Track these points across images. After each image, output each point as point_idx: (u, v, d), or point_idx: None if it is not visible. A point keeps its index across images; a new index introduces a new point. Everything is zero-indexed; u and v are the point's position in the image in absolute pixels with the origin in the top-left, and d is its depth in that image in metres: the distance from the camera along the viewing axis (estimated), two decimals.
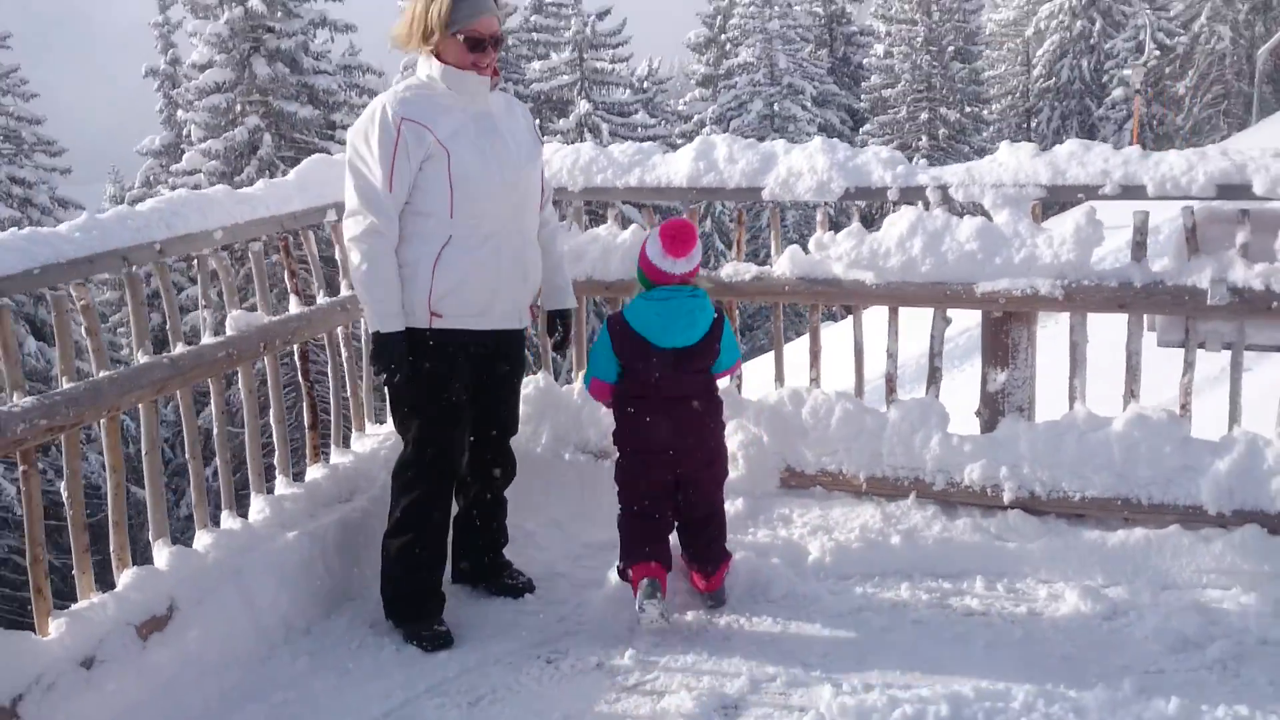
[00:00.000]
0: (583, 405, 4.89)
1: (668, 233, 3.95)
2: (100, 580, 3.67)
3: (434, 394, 3.87)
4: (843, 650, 3.71)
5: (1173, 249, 4.26)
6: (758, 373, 7.49)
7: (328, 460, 4.69)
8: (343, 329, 4.76)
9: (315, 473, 4.57)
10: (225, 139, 26.97)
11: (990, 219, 4.41)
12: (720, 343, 4.04)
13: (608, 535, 4.20)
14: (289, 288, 4.56)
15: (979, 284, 4.34)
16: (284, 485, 4.44)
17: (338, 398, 4.79)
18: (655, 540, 4.05)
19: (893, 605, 3.98)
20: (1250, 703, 3.32)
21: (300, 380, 4.64)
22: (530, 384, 4.95)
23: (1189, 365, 4.29)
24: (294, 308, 4.51)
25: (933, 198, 4.45)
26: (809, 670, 3.59)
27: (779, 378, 4.89)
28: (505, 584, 4.22)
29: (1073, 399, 4.42)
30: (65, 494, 3.57)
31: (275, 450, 4.48)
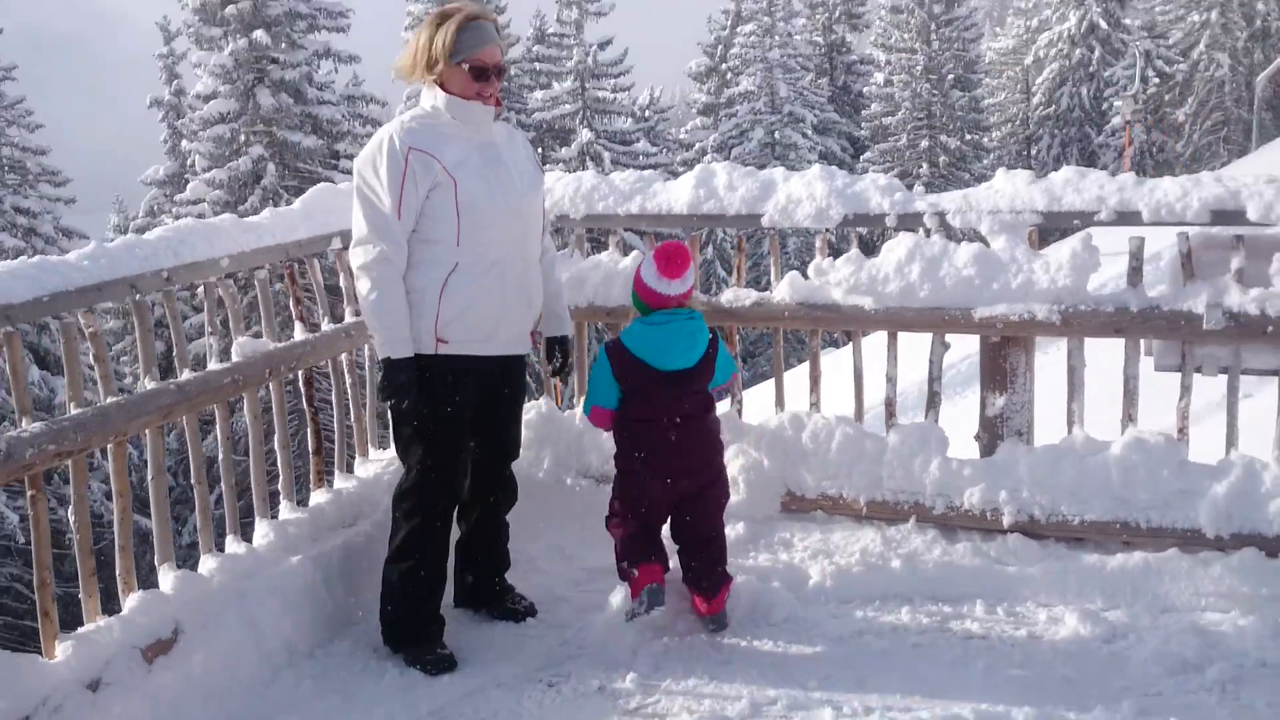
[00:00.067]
0: (584, 431, 4.92)
1: (662, 255, 3.99)
2: (104, 606, 3.69)
3: (439, 419, 3.88)
4: (843, 673, 3.72)
5: (1168, 274, 4.29)
6: (759, 398, 7.53)
7: (331, 485, 4.73)
8: (347, 355, 4.79)
9: (319, 498, 4.60)
10: (229, 169, 27.05)
11: (987, 245, 4.46)
12: (716, 360, 4.09)
13: (609, 560, 4.21)
14: (294, 315, 4.60)
15: (977, 309, 4.38)
16: (288, 510, 4.47)
17: (341, 423, 4.82)
18: (656, 544, 4.13)
19: (893, 628, 3.99)
20: None
21: (305, 406, 4.68)
22: (532, 409, 4.98)
23: (1186, 389, 4.32)
24: (299, 334, 4.55)
25: (930, 224, 4.49)
26: (809, 693, 3.60)
27: (779, 402, 4.92)
28: (507, 608, 4.24)
29: (1071, 423, 4.45)
30: (72, 518, 3.60)
31: (280, 475, 4.51)
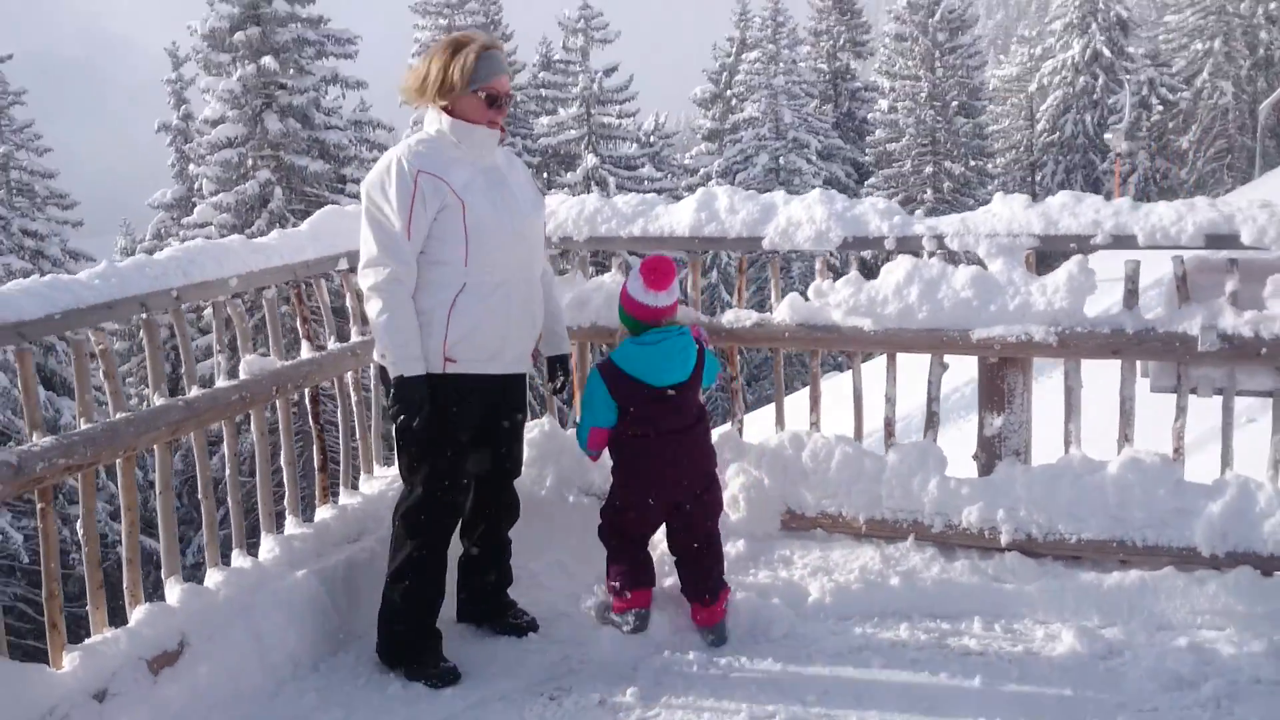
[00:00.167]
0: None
1: (647, 269, 4.10)
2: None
3: (444, 438, 3.92)
4: (842, 689, 3.76)
5: (1164, 297, 4.35)
6: (760, 419, 7.58)
7: (336, 501, 4.78)
8: (352, 374, 4.85)
9: (324, 513, 4.66)
10: (236, 192, 27.17)
11: (985, 268, 4.51)
12: (704, 367, 4.19)
13: None
14: (301, 334, 4.66)
15: (975, 331, 4.42)
16: (294, 525, 4.52)
17: (347, 441, 4.88)
18: (646, 566, 4.23)
19: (891, 645, 4.03)
20: None
21: (311, 424, 4.73)
22: (535, 428, 5.03)
23: (1181, 410, 4.36)
24: (305, 353, 4.61)
25: (929, 247, 4.55)
26: (808, 708, 3.64)
27: (780, 422, 4.97)
28: (509, 623, 4.27)
29: (1068, 443, 4.49)
30: (80, 531, 3.66)
31: (285, 491, 4.56)
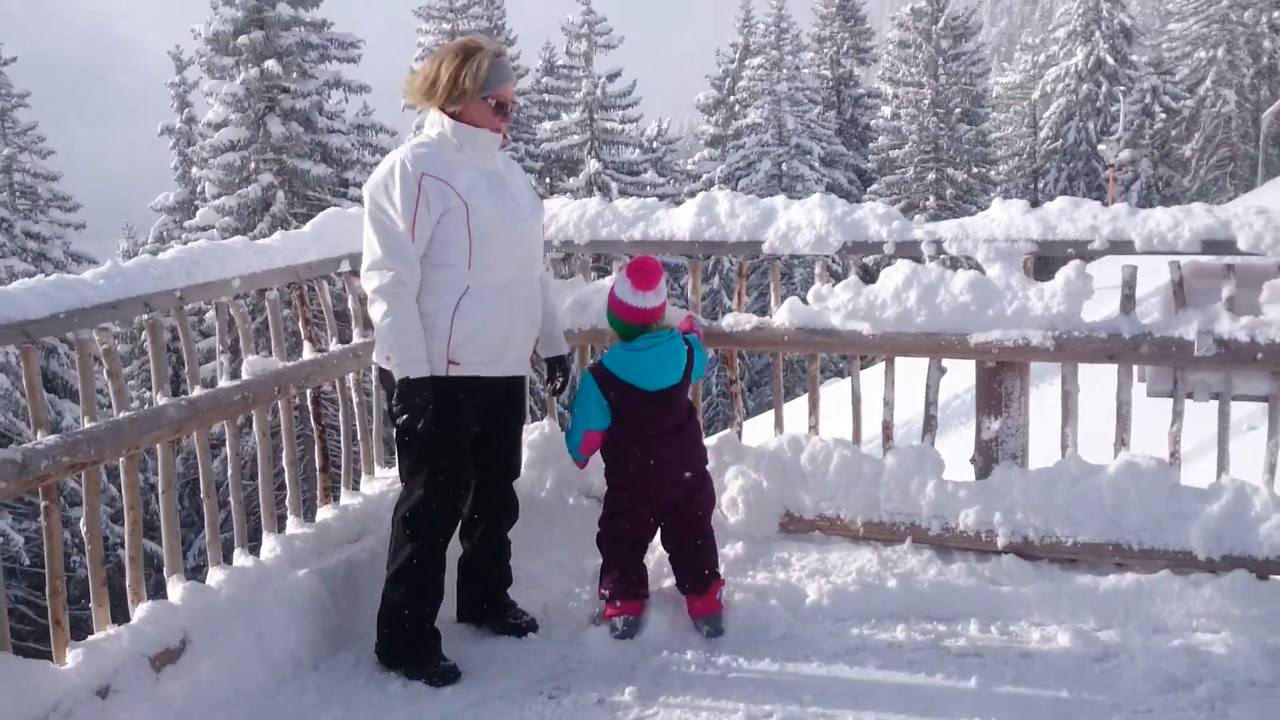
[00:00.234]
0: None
1: (634, 270, 4.16)
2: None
3: (446, 440, 3.94)
4: (839, 689, 3.78)
5: (1160, 302, 4.37)
6: (760, 425, 7.62)
7: (338, 501, 4.81)
8: (354, 375, 4.87)
9: (325, 513, 4.68)
10: (239, 195, 27.24)
11: (983, 273, 4.54)
12: (694, 365, 4.28)
13: None
14: (303, 335, 4.69)
15: (973, 335, 4.45)
16: (295, 525, 4.54)
17: (348, 442, 4.90)
18: (640, 574, 4.29)
19: (888, 646, 4.05)
20: None
21: (313, 424, 4.76)
22: (535, 430, 5.06)
23: (1178, 415, 4.39)
24: (307, 354, 4.64)
25: (927, 252, 4.57)
26: (805, 708, 3.66)
27: (779, 425, 4.99)
28: (509, 623, 4.30)
29: (1065, 447, 4.52)
30: (84, 529, 3.69)
31: (287, 491, 4.59)
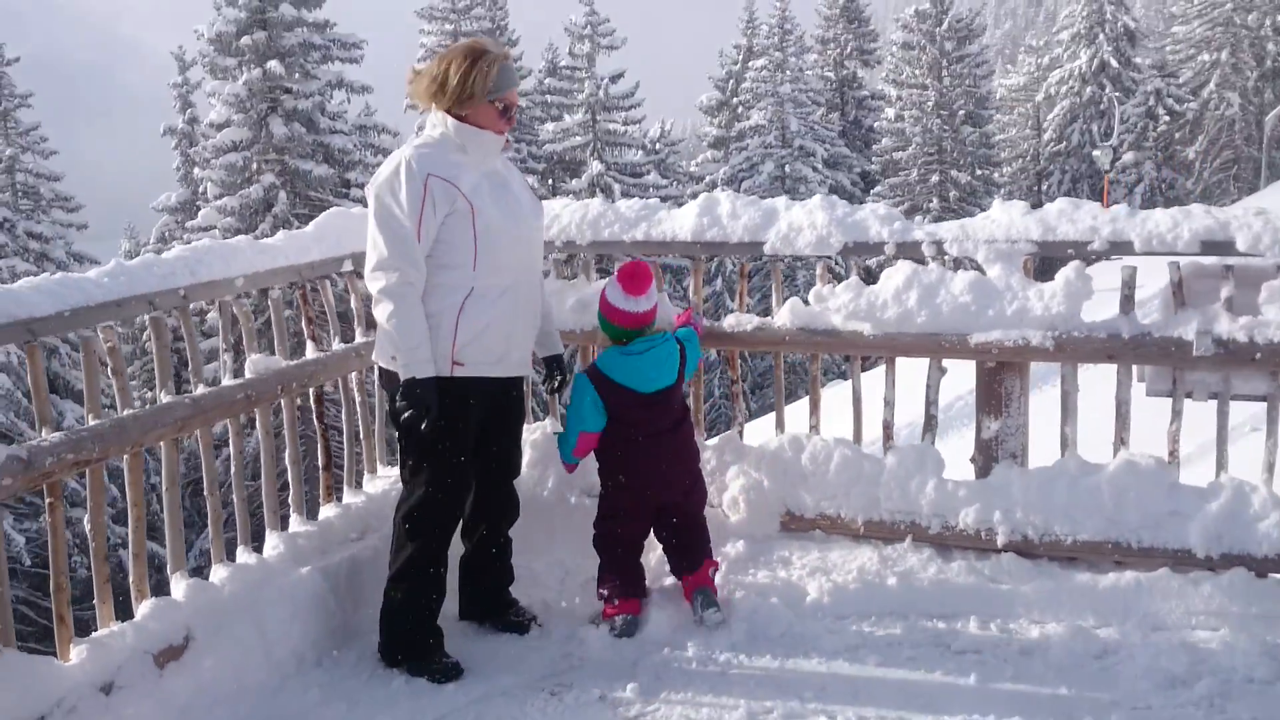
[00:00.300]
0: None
1: (625, 276, 4.20)
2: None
3: (449, 440, 3.96)
4: (839, 685, 3.81)
5: (1160, 302, 4.39)
6: (762, 427, 7.64)
7: (340, 500, 4.83)
8: (356, 374, 4.90)
9: (328, 511, 4.72)
10: (241, 196, 27.27)
11: (984, 273, 4.56)
12: (686, 364, 4.33)
13: None
14: (306, 334, 4.72)
15: (973, 335, 4.46)
16: (298, 523, 4.57)
17: (350, 440, 4.93)
18: (638, 574, 4.34)
19: (888, 644, 4.07)
20: None
21: (315, 423, 4.78)
22: (537, 430, 5.08)
23: (1177, 414, 4.40)
24: (310, 353, 4.67)
25: (928, 253, 4.59)
26: (805, 704, 3.68)
27: (779, 425, 5.01)
28: (511, 620, 4.32)
29: (1065, 446, 4.54)
30: (88, 526, 3.70)
31: (290, 489, 4.61)
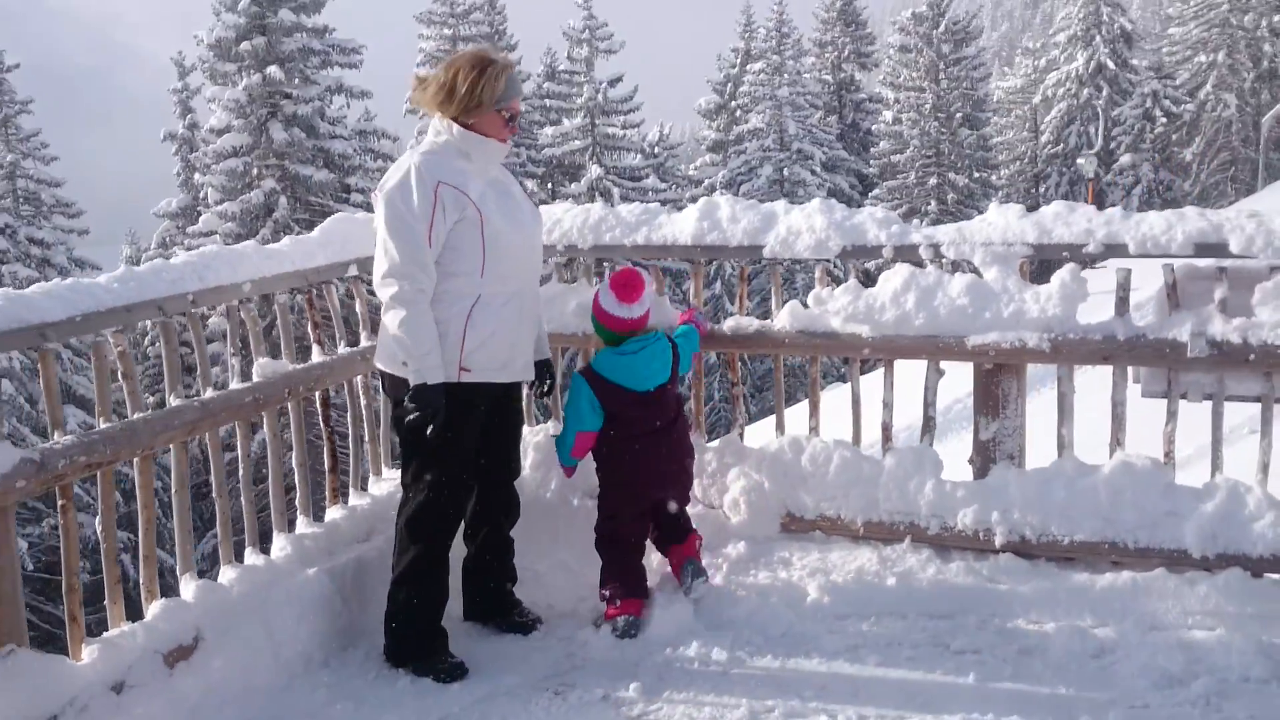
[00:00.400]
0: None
1: (618, 283, 4.27)
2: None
3: (454, 445, 4.00)
4: (839, 684, 3.85)
5: (1154, 304, 4.44)
6: (762, 430, 7.70)
7: (346, 502, 4.88)
8: (362, 378, 4.94)
9: (334, 513, 4.76)
10: (241, 201, 27.31)
11: (981, 276, 4.61)
12: (680, 360, 4.41)
13: None
14: (312, 338, 4.77)
15: (970, 337, 4.51)
16: (305, 525, 4.62)
17: (356, 443, 4.98)
18: (639, 574, 4.39)
19: (888, 643, 4.11)
20: None
21: (322, 425, 4.83)
22: (540, 433, 5.13)
23: (1172, 415, 4.46)
24: (316, 357, 4.72)
25: (926, 255, 4.64)
26: (806, 703, 3.73)
27: (779, 427, 5.06)
28: (515, 621, 4.37)
29: (1061, 447, 4.59)
30: (100, 528, 3.77)
31: (297, 491, 4.66)
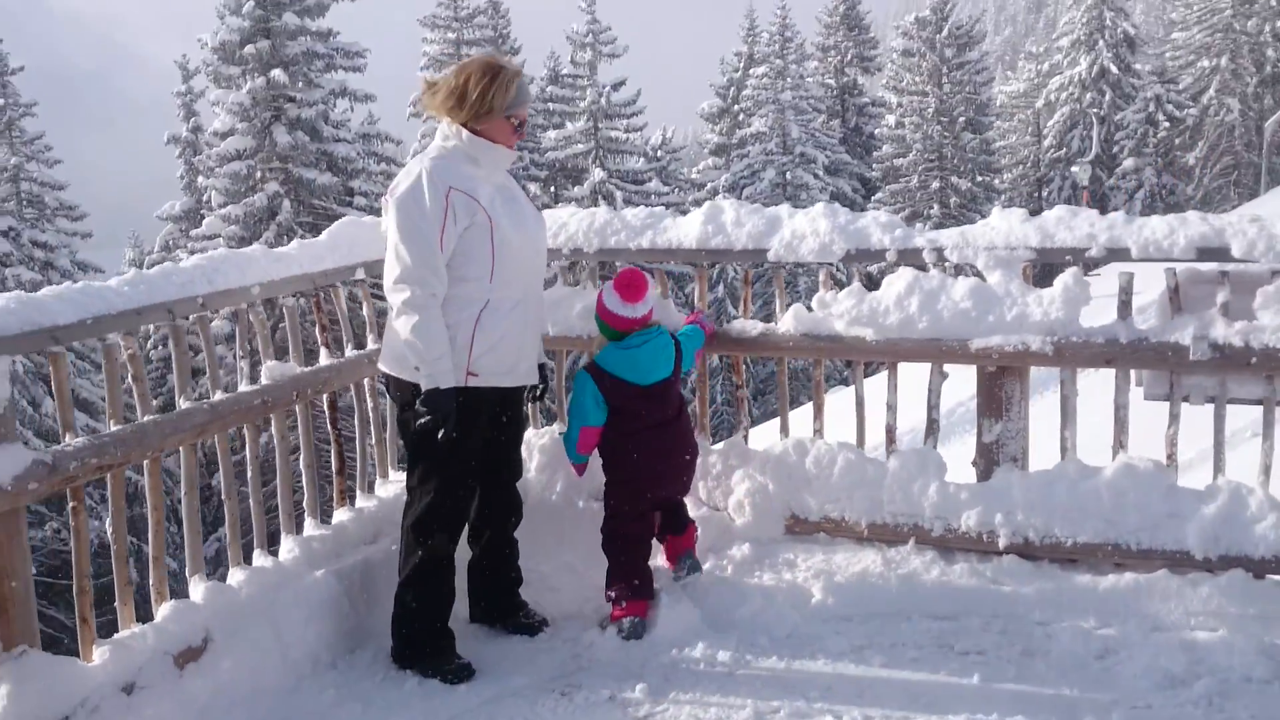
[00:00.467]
0: (595, 455, 5.08)
1: (622, 283, 4.32)
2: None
3: (460, 448, 4.03)
4: (844, 685, 3.88)
5: (1157, 308, 4.47)
6: (765, 433, 7.71)
7: (353, 504, 4.92)
8: (369, 380, 4.98)
9: (342, 515, 4.80)
10: (245, 204, 27.34)
11: (984, 280, 4.64)
12: (682, 357, 4.46)
13: None
14: (320, 341, 4.80)
15: (973, 340, 4.54)
16: (312, 527, 4.65)
17: (363, 446, 5.01)
18: (645, 576, 4.42)
19: (892, 645, 4.14)
20: None
21: (329, 428, 4.86)
22: (546, 435, 5.16)
23: (1174, 418, 4.48)
24: (324, 359, 4.75)
25: (929, 259, 4.67)
26: (811, 703, 3.76)
27: (784, 429, 5.09)
28: (521, 622, 4.40)
29: (1064, 450, 4.61)
30: (110, 530, 3.79)
31: (304, 494, 4.69)
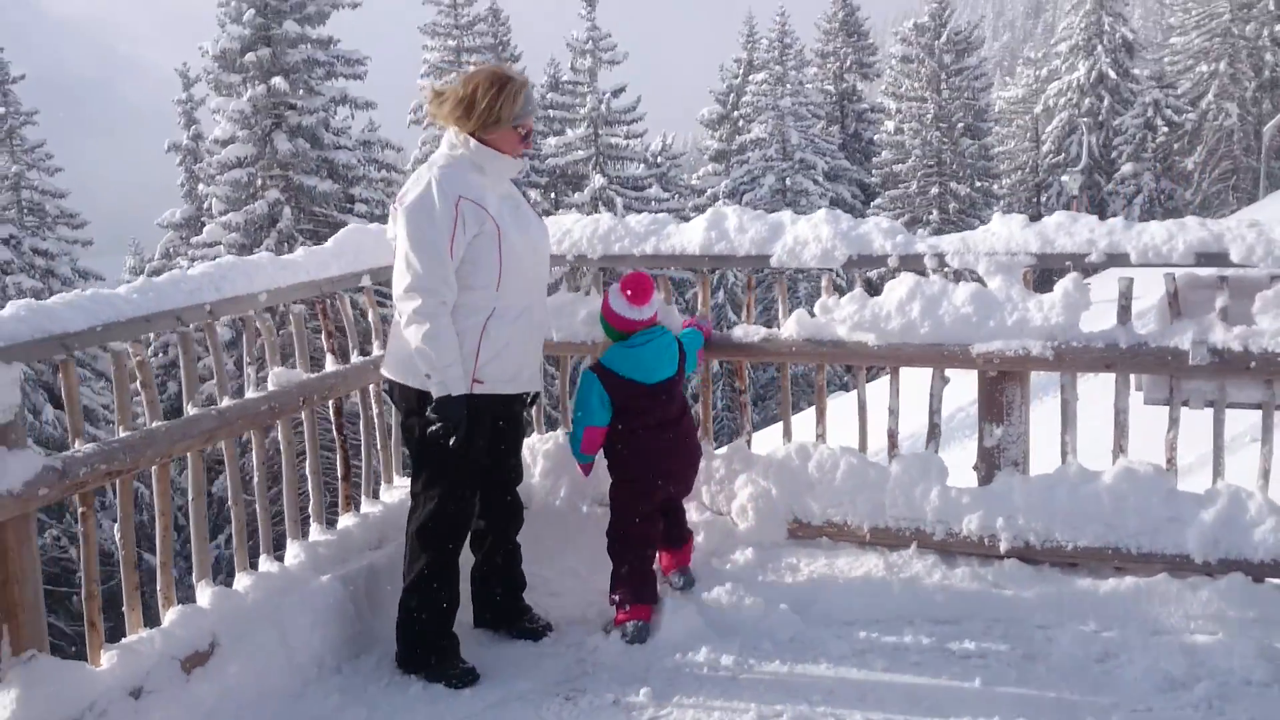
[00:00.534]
0: (599, 460, 5.11)
1: (629, 285, 4.39)
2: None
3: (465, 455, 4.06)
4: (846, 689, 3.91)
5: (1156, 313, 4.50)
6: (767, 437, 7.76)
7: (359, 509, 4.94)
8: (375, 386, 5.00)
9: (347, 521, 4.82)
10: (245, 212, 27.32)
11: (985, 285, 4.67)
12: (685, 358, 4.52)
13: None
14: (326, 348, 4.83)
15: (974, 345, 4.57)
16: (318, 532, 4.68)
17: (368, 451, 5.04)
18: (649, 580, 4.44)
19: (894, 648, 4.17)
20: None
21: (335, 434, 4.89)
22: (550, 440, 5.19)
23: (1174, 422, 4.51)
24: (330, 366, 4.78)
25: (930, 265, 4.70)
26: (814, 707, 3.79)
27: (786, 434, 5.12)
28: (525, 627, 4.43)
29: (1065, 454, 4.64)
30: (118, 535, 3.82)
31: (310, 499, 4.72)
